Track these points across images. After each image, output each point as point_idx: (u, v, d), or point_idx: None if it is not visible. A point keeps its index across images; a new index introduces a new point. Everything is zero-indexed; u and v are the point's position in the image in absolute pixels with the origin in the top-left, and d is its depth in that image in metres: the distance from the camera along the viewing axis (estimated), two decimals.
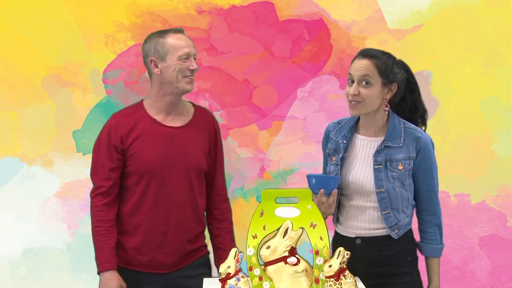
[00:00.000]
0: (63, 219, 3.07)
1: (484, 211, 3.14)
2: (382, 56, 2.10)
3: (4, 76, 3.07)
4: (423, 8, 3.13)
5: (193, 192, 2.31)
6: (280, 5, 3.11)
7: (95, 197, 2.31)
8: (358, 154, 2.15)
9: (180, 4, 3.10)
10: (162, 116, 2.32)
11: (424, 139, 2.13)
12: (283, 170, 3.10)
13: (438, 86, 3.13)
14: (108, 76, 3.09)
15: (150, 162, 2.26)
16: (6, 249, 3.06)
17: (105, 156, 2.29)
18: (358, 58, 2.10)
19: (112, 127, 2.30)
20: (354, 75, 2.07)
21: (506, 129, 3.14)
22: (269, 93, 3.13)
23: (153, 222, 2.28)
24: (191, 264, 2.35)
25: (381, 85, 2.07)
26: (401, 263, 2.12)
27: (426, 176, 2.12)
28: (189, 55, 2.27)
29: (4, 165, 3.07)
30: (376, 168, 2.09)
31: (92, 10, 3.07)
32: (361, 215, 2.13)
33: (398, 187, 2.08)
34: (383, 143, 2.10)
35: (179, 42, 2.26)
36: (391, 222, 2.09)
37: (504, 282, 3.14)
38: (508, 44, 3.12)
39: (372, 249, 2.11)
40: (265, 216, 1.82)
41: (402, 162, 2.09)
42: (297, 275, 1.80)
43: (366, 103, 2.07)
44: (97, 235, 2.30)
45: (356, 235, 2.13)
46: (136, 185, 2.28)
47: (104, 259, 2.27)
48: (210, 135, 2.38)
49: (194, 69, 2.28)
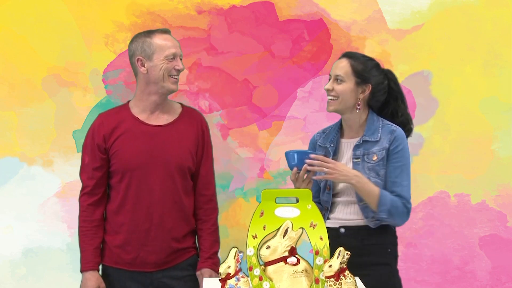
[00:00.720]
0: (63, 219, 3.07)
1: (484, 211, 3.14)
2: (361, 58, 2.27)
3: (4, 76, 3.07)
4: (423, 8, 3.13)
5: (176, 191, 2.31)
6: (280, 5, 3.11)
7: (82, 197, 2.36)
8: (343, 155, 2.28)
9: (180, 4, 3.10)
10: (146, 115, 2.34)
11: (398, 132, 2.23)
12: (283, 170, 3.10)
13: (438, 86, 3.13)
14: (108, 76, 3.09)
15: (130, 160, 2.28)
16: (6, 249, 3.06)
17: (89, 156, 2.34)
18: (339, 58, 2.28)
19: (96, 127, 2.36)
20: (331, 74, 2.26)
21: (506, 129, 3.14)
22: (269, 93, 3.13)
23: (136, 220, 2.30)
24: (178, 265, 2.35)
25: (354, 84, 2.22)
26: (382, 253, 2.21)
27: (395, 164, 2.19)
28: (176, 56, 2.30)
29: (4, 165, 3.07)
30: (355, 162, 2.21)
31: (92, 10, 3.07)
32: (346, 208, 2.24)
33: (373, 178, 2.18)
34: (361, 138, 2.23)
35: (165, 43, 2.29)
36: (367, 212, 2.19)
37: (504, 282, 3.14)
38: (508, 44, 3.12)
39: (355, 238, 2.19)
40: (265, 216, 1.82)
41: (377, 153, 2.20)
42: (297, 275, 1.80)
43: (340, 99, 2.22)
44: (81, 235, 2.34)
45: (340, 224, 2.22)
46: (119, 183, 2.31)
47: (85, 259, 2.32)
48: (198, 134, 2.38)
49: (180, 69, 2.31)
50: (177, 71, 2.31)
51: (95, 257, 2.32)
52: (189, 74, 3.10)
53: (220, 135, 3.09)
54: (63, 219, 3.07)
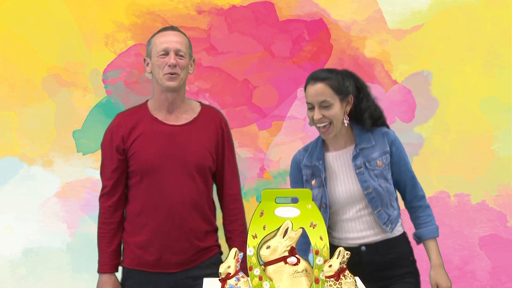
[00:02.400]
0: (63, 219, 3.07)
1: (484, 211, 3.14)
2: (331, 75, 2.19)
3: (4, 76, 3.07)
4: (423, 8, 3.13)
5: (197, 191, 2.28)
6: (280, 5, 3.11)
7: (101, 198, 2.33)
8: (335, 169, 2.23)
9: (180, 4, 3.10)
10: (164, 115, 2.31)
11: (391, 132, 2.24)
12: (283, 170, 3.10)
13: (438, 86, 3.13)
14: (108, 76, 3.09)
15: (149, 160, 2.25)
16: (6, 249, 3.06)
17: (108, 157, 2.31)
18: (310, 84, 2.19)
19: (114, 128, 2.31)
20: (313, 102, 2.18)
21: (506, 129, 3.14)
22: (269, 93, 3.13)
23: (157, 221, 2.26)
24: (202, 264, 2.31)
25: (339, 102, 2.17)
26: (405, 263, 2.20)
27: (405, 164, 2.23)
28: (168, 50, 2.24)
29: (4, 165, 3.07)
30: (358, 172, 2.17)
31: (92, 10, 3.07)
32: (358, 224, 2.19)
33: (383, 183, 2.17)
34: (356, 148, 2.19)
35: (160, 39, 2.26)
36: (383, 218, 2.16)
37: (504, 282, 3.14)
38: (508, 44, 3.12)
39: (377, 254, 2.17)
40: (265, 216, 1.82)
41: (380, 159, 2.18)
42: (297, 275, 1.80)
43: (334, 124, 2.17)
44: (100, 237, 2.31)
45: (360, 243, 2.18)
46: (139, 184, 2.28)
47: (102, 261, 2.29)
48: (217, 133, 2.35)
49: (171, 64, 2.23)
50: (169, 67, 2.24)
51: (113, 260, 2.29)
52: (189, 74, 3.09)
53: None
54: (63, 219, 3.07)
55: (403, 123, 3.14)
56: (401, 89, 3.12)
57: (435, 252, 2.23)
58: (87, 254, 3.02)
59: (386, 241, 2.17)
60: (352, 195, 2.17)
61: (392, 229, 2.16)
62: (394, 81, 3.12)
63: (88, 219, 3.06)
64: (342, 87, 2.17)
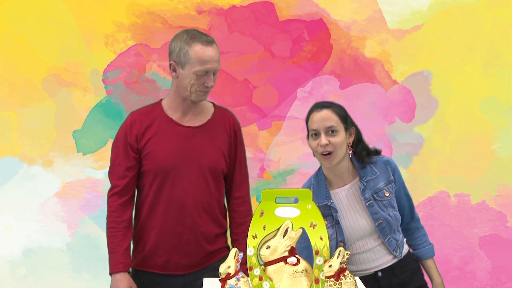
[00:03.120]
0: (63, 219, 3.07)
1: (484, 211, 3.14)
2: (335, 104, 2.18)
3: (4, 76, 3.07)
4: (423, 8, 3.14)
5: (209, 193, 2.26)
6: (280, 5, 3.11)
7: (111, 197, 2.28)
8: (345, 206, 2.21)
9: (180, 4, 3.10)
10: (179, 116, 2.28)
11: (391, 160, 2.23)
12: (283, 170, 3.10)
13: (438, 86, 3.14)
14: (108, 76, 3.09)
15: (163, 161, 2.22)
16: (6, 249, 3.06)
17: (121, 155, 2.26)
18: (315, 111, 2.17)
19: (128, 126, 2.27)
20: (319, 128, 2.14)
21: (506, 129, 3.14)
22: (269, 93, 3.13)
23: (168, 223, 2.24)
24: (210, 266, 2.29)
25: (344, 131, 2.15)
26: (418, 278, 2.24)
27: (404, 189, 2.25)
28: (209, 71, 2.20)
29: (4, 165, 3.07)
30: (368, 205, 2.16)
31: (92, 10, 3.07)
32: (372, 255, 2.20)
33: (391, 212, 2.18)
34: (362, 181, 2.18)
35: (202, 57, 2.17)
36: (393, 245, 2.19)
37: (504, 282, 3.14)
38: (508, 44, 3.13)
39: (394, 276, 2.19)
40: (265, 216, 1.82)
41: (387, 189, 2.18)
42: (297, 275, 1.80)
43: (337, 151, 2.13)
44: (110, 236, 2.26)
45: (375, 270, 2.20)
46: (151, 184, 2.25)
47: (115, 261, 2.23)
48: (230, 136, 2.33)
49: (209, 86, 2.21)
50: (205, 87, 2.21)
51: (126, 259, 2.23)
52: None
53: None
54: (63, 219, 3.07)
55: (403, 123, 3.14)
56: (401, 89, 3.12)
57: (435, 270, 2.30)
58: (87, 254, 3.03)
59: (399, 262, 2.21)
60: (364, 229, 2.18)
61: (400, 253, 2.20)
62: (394, 81, 3.12)
63: (88, 219, 3.06)
64: (346, 116, 2.17)
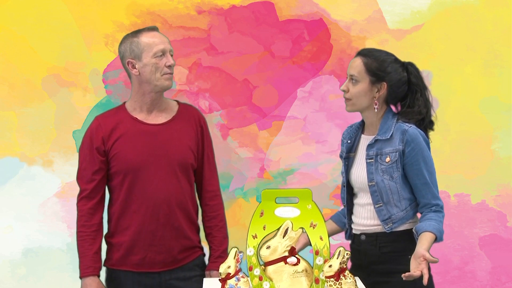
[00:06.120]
0: (63, 219, 3.07)
1: (484, 211, 3.14)
2: (376, 54, 2.15)
3: (4, 76, 3.07)
4: (423, 8, 3.13)
5: (180, 189, 2.30)
6: (280, 5, 3.11)
7: (80, 201, 2.32)
8: (359, 152, 2.21)
9: (180, 4, 3.10)
10: (144, 115, 2.32)
11: (411, 131, 2.10)
12: (283, 170, 3.10)
13: (438, 86, 3.13)
14: (108, 76, 3.09)
15: (132, 161, 2.26)
16: (6, 249, 3.06)
17: (87, 159, 2.30)
18: (354, 57, 2.18)
19: (93, 130, 2.32)
20: (347, 73, 2.16)
21: (506, 129, 3.14)
22: (269, 93, 3.13)
23: (142, 221, 2.27)
24: (186, 265, 2.33)
25: (369, 83, 2.12)
26: (401, 261, 2.08)
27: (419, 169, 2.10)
28: (165, 51, 2.26)
29: (4, 165, 3.07)
30: (368, 162, 2.14)
31: (92, 10, 3.07)
32: (363, 212, 2.17)
33: (387, 180, 2.11)
34: (374, 138, 2.15)
35: (153, 40, 2.26)
36: (383, 215, 2.12)
37: (504, 282, 3.14)
38: (508, 44, 3.12)
39: (373, 245, 2.14)
40: (265, 216, 1.82)
41: (390, 155, 2.12)
42: (297, 275, 1.80)
43: (354, 100, 2.14)
44: (80, 240, 2.30)
45: (361, 231, 2.17)
46: (121, 185, 2.28)
47: (85, 265, 2.28)
48: (197, 131, 2.36)
49: (171, 64, 2.27)
50: (168, 67, 2.27)
51: (95, 262, 2.28)
52: (189, 74, 3.10)
53: (220, 135, 3.09)
54: (63, 219, 3.07)
55: None
56: None
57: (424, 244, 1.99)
58: None
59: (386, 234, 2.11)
60: (361, 183, 2.16)
61: (391, 228, 2.11)
62: None
63: None
64: (378, 70, 2.12)
